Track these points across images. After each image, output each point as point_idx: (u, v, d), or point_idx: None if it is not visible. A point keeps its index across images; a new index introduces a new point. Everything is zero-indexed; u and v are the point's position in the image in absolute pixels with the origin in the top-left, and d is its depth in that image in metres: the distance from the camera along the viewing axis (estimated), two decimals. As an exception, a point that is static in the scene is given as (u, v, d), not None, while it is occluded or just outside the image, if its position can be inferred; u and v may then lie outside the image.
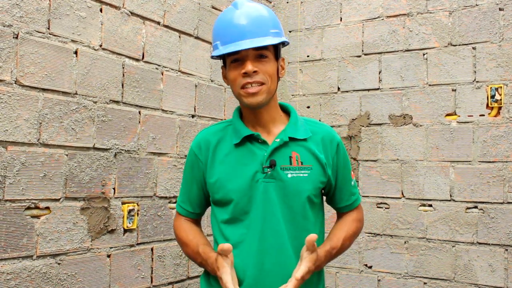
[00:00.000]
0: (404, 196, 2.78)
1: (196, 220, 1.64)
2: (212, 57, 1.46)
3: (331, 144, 1.49)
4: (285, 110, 1.53)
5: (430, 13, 2.76)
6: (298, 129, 1.46)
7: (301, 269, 1.32)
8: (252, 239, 1.41)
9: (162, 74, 2.37)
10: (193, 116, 2.56)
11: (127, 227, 2.15)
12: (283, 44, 1.46)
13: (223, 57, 1.45)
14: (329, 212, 1.79)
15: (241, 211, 1.43)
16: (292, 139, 1.44)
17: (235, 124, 1.47)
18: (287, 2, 3.25)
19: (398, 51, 2.84)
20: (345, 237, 1.52)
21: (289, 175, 1.41)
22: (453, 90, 2.68)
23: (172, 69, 2.43)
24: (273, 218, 1.40)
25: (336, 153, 1.50)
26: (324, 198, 1.60)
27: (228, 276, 1.31)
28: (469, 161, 2.61)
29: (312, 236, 1.31)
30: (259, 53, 1.37)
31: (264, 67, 1.38)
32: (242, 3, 1.40)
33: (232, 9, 1.41)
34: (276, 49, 1.43)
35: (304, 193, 1.42)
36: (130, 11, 2.19)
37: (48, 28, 1.85)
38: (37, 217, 1.81)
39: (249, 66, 1.35)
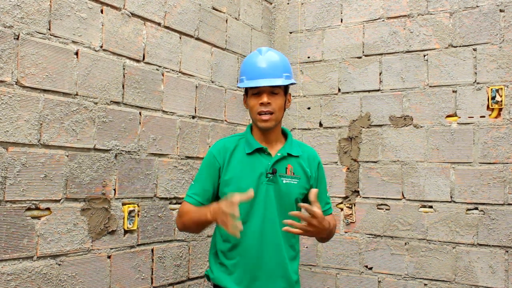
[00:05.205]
0: (404, 198, 2.78)
1: None
2: (238, 87, 1.99)
3: (314, 162, 1.99)
4: (284, 133, 1.99)
5: (431, 14, 2.76)
6: (293, 148, 1.94)
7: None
8: (256, 222, 1.84)
9: (163, 75, 2.37)
10: (193, 117, 2.56)
11: (127, 228, 2.15)
12: (292, 84, 1.91)
13: (246, 88, 1.90)
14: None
15: (248, 202, 1.76)
16: (289, 155, 1.91)
17: (248, 138, 1.92)
18: (288, 3, 3.25)
19: (398, 52, 2.84)
20: (330, 226, 1.87)
21: (284, 181, 1.88)
22: (453, 91, 2.68)
23: (172, 70, 2.43)
24: (271, 210, 1.86)
25: (317, 169, 1.99)
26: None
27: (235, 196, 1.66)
28: (470, 163, 2.61)
29: (314, 190, 1.71)
30: (273, 89, 1.84)
31: (275, 101, 1.84)
32: (265, 50, 1.90)
33: (257, 54, 1.90)
34: (285, 87, 1.90)
35: (293, 195, 1.89)
36: (131, 12, 2.19)
37: (49, 29, 1.85)
38: (38, 218, 1.81)
39: (265, 99, 1.82)
